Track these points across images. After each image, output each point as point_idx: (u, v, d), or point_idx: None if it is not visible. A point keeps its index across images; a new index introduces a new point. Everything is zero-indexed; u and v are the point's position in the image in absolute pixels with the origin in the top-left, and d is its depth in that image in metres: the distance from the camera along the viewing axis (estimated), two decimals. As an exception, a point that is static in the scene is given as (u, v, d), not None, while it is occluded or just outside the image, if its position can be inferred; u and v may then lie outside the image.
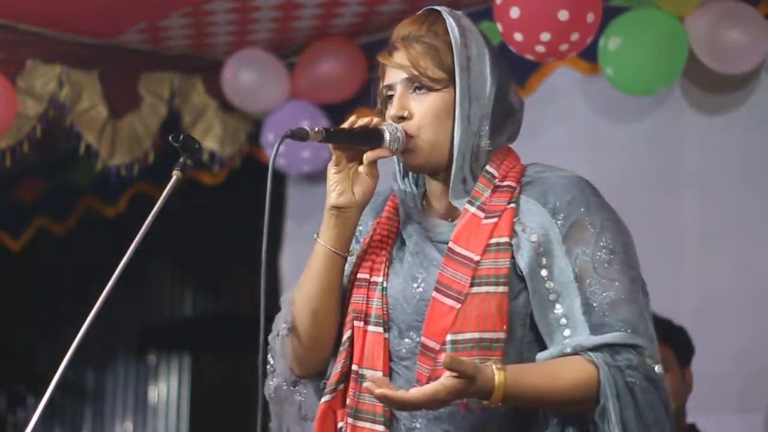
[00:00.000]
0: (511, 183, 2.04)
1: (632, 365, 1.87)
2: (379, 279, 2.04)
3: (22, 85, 4.27)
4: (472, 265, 1.93)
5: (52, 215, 5.83)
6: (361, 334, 2.02)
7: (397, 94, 2.02)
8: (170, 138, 2.23)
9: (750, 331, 3.63)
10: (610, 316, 1.89)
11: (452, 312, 1.92)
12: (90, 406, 6.71)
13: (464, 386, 1.78)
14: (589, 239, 1.96)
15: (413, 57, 2.01)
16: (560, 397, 1.86)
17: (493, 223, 1.96)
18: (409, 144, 2.01)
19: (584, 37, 3.33)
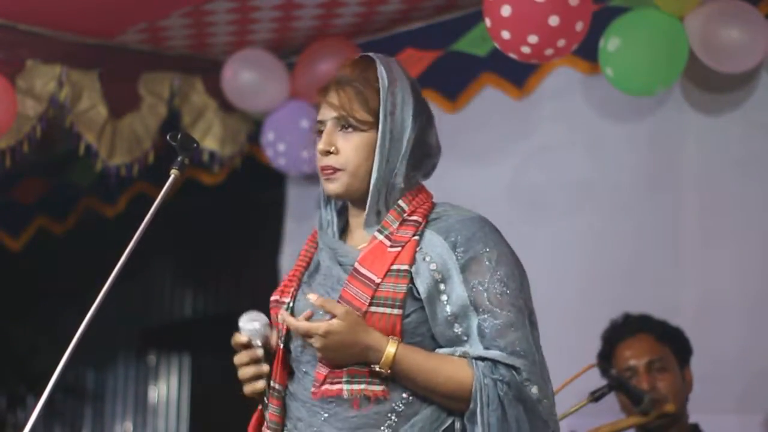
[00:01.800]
0: (417, 218, 2.24)
1: (504, 380, 2.13)
2: (287, 299, 2.30)
3: (22, 85, 4.26)
4: (372, 285, 2.17)
5: (52, 215, 5.83)
6: (279, 351, 2.28)
7: (326, 130, 2.27)
8: (168, 137, 2.28)
9: (750, 331, 3.63)
10: (498, 339, 2.14)
11: None
12: (90, 406, 6.71)
13: (351, 327, 2.12)
14: (485, 272, 2.19)
15: (343, 99, 2.26)
16: (437, 382, 2.14)
17: (396, 251, 2.20)
18: (335, 174, 2.25)
19: (570, 44, 3.35)
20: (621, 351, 3.28)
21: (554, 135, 4.16)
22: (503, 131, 4.28)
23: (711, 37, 3.56)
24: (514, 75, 4.20)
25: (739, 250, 3.71)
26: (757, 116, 3.72)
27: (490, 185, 4.26)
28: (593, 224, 4.01)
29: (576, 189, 4.08)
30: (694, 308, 3.72)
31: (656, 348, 3.26)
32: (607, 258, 3.96)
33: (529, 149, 4.22)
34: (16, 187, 5.79)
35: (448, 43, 4.32)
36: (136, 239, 2.20)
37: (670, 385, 3.22)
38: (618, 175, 4.00)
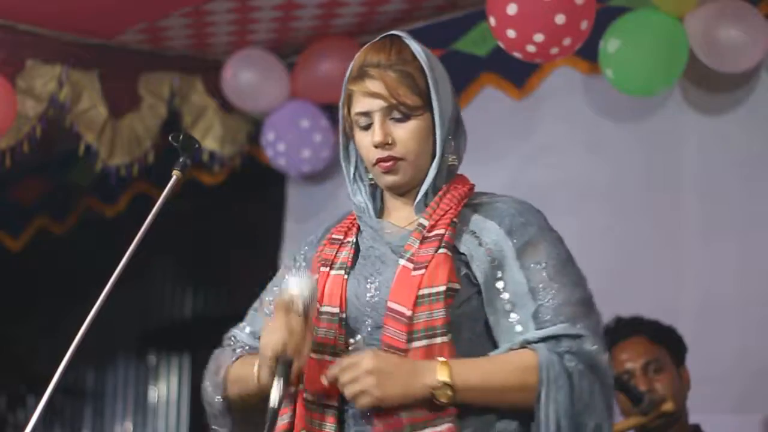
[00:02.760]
0: (440, 231, 2.11)
1: (572, 351, 1.98)
2: (335, 309, 2.12)
3: (22, 85, 4.26)
4: (404, 320, 2.02)
5: (51, 215, 5.83)
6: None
7: (378, 122, 2.12)
8: (170, 138, 2.26)
9: (750, 331, 3.63)
10: (556, 315, 2.02)
11: None
12: (90, 406, 6.70)
13: (386, 354, 1.98)
14: (540, 253, 2.10)
15: (390, 86, 2.11)
16: (503, 381, 1.98)
17: (420, 275, 2.05)
18: (395, 166, 2.13)
19: (575, 44, 3.35)
20: (616, 355, 3.28)
21: (554, 135, 4.16)
22: (503, 131, 4.28)
23: (711, 36, 3.56)
24: (514, 75, 4.20)
25: (739, 250, 3.71)
26: (757, 116, 3.72)
27: (489, 185, 4.23)
28: (593, 224, 4.01)
29: (576, 189, 4.08)
30: (693, 308, 3.72)
31: (651, 349, 3.26)
32: (607, 258, 3.96)
33: (529, 149, 4.22)
34: (16, 187, 5.79)
35: (448, 43, 4.32)
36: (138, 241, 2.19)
37: (668, 385, 3.22)
38: (618, 175, 4.00)
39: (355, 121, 2.15)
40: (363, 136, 2.15)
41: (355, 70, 2.15)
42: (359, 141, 2.16)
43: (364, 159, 2.17)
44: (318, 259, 2.20)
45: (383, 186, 2.18)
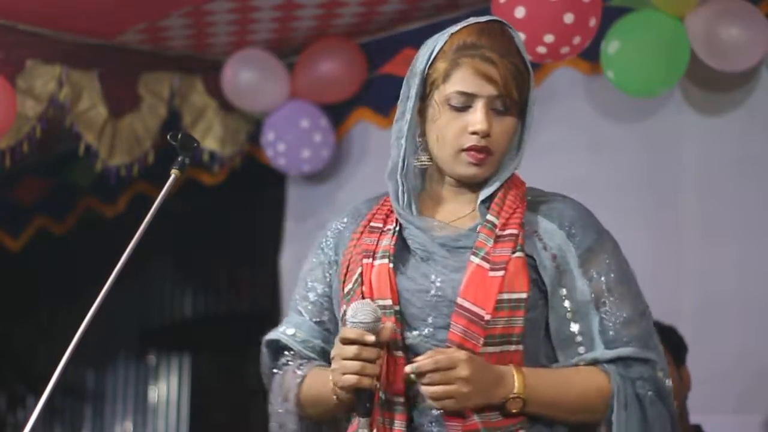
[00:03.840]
0: (513, 231, 2.03)
1: (643, 377, 1.98)
2: (387, 301, 2.00)
3: (22, 85, 4.26)
4: (482, 323, 1.95)
5: (51, 215, 5.83)
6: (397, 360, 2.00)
7: (482, 109, 2.01)
8: (168, 137, 2.25)
9: (750, 331, 3.63)
10: (624, 333, 2.00)
11: None
12: (90, 406, 6.71)
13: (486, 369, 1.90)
14: (602, 263, 2.05)
15: (504, 75, 2.01)
16: (572, 399, 1.97)
17: (500, 277, 1.97)
18: (486, 159, 2.04)
19: (584, 41, 3.34)
20: None
21: (554, 135, 4.16)
22: (503, 131, 4.28)
23: (711, 36, 3.56)
24: (514, 75, 4.19)
25: (739, 249, 3.71)
26: (758, 115, 3.72)
27: (490, 185, 4.25)
28: (593, 224, 4.01)
29: (576, 189, 4.06)
30: (694, 308, 3.72)
31: (651, 350, 3.26)
32: (607, 258, 3.95)
33: (529, 149, 4.21)
34: (16, 187, 5.79)
35: (447, 43, 4.31)
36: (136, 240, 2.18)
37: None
38: (618, 175, 4.00)
39: (449, 97, 2.03)
40: (454, 117, 2.02)
41: (467, 44, 2.04)
42: (446, 122, 2.03)
43: (447, 143, 2.03)
44: (357, 250, 2.06)
45: (458, 175, 2.06)
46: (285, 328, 2.15)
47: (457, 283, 1.98)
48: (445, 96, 2.03)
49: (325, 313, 2.13)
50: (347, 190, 4.63)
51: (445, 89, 2.03)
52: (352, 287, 2.03)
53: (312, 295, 2.14)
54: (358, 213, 2.16)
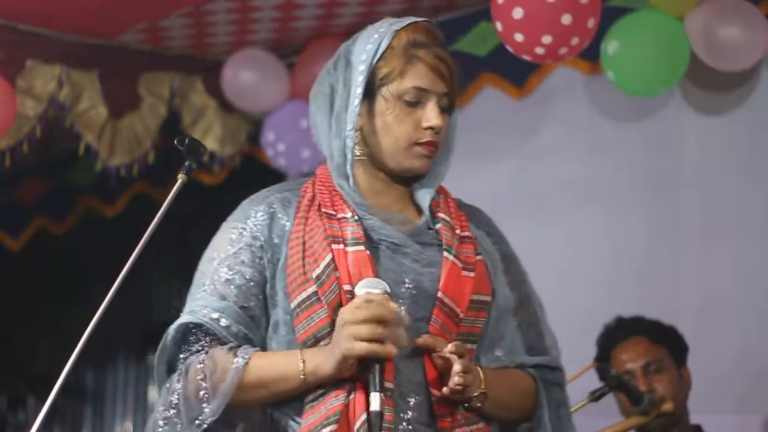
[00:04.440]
0: (468, 234, 2.12)
1: (558, 383, 2.15)
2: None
3: (22, 85, 4.26)
4: (456, 320, 2.03)
5: (51, 215, 5.83)
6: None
7: (435, 105, 2.08)
8: (176, 141, 2.22)
9: (750, 331, 3.63)
10: (541, 341, 2.15)
11: None
12: (90, 406, 6.70)
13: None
14: (519, 272, 2.19)
15: (452, 73, 2.11)
16: (513, 398, 2.09)
17: (471, 277, 2.05)
18: (435, 152, 2.11)
19: (583, 42, 3.34)
20: (617, 355, 3.27)
21: (554, 135, 4.16)
22: (503, 131, 4.28)
23: (710, 35, 3.56)
24: (514, 75, 4.19)
25: (739, 249, 3.71)
26: (758, 115, 3.72)
27: (490, 185, 4.25)
28: (593, 224, 4.01)
29: (576, 189, 4.08)
30: (694, 308, 3.72)
31: (651, 350, 3.25)
32: (607, 258, 3.96)
33: (529, 149, 4.22)
34: (16, 187, 5.79)
35: (448, 43, 4.30)
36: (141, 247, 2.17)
37: (668, 386, 3.21)
38: (618, 175, 4.00)
39: (404, 92, 2.07)
40: (407, 112, 2.06)
41: (419, 41, 2.10)
42: (399, 117, 2.06)
43: (399, 137, 2.06)
44: (315, 234, 2.03)
45: (406, 168, 2.09)
46: (207, 312, 2.02)
47: (434, 277, 2.02)
48: (401, 91, 2.06)
49: (252, 298, 2.04)
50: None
51: (401, 84, 2.06)
52: (323, 272, 1.98)
53: (239, 279, 2.04)
54: (285, 199, 2.13)
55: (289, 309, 2.01)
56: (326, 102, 2.15)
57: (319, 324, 1.98)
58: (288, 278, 2.01)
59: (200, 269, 2.11)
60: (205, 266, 2.10)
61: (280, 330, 2.03)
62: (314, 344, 1.98)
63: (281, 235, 2.06)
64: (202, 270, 2.10)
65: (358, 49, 2.12)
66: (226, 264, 2.06)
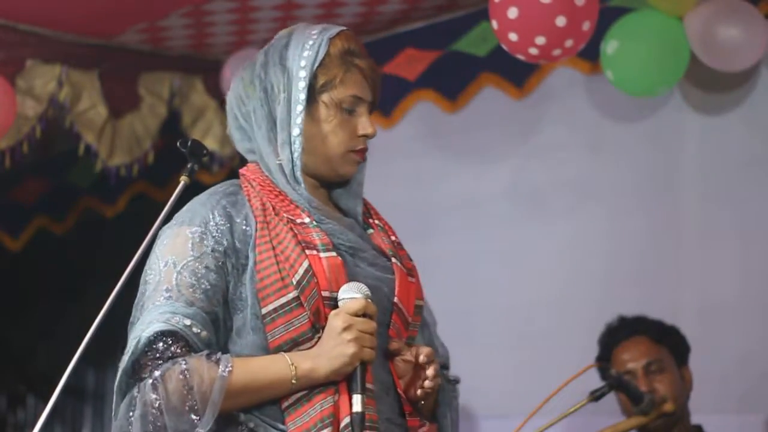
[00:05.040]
0: (396, 239, 2.20)
1: (449, 380, 2.27)
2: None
3: (22, 85, 4.26)
4: (407, 325, 2.11)
5: (51, 215, 5.83)
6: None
7: (367, 113, 2.14)
8: (178, 144, 2.21)
9: (751, 331, 3.63)
10: (436, 342, 2.38)
11: None
12: (90, 406, 6.70)
13: None
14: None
15: (377, 84, 2.16)
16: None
17: (415, 283, 2.14)
18: (364, 160, 2.16)
19: (577, 44, 3.35)
20: (618, 355, 3.28)
21: (554, 135, 4.16)
22: (503, 131, 4.28)
23: (709, 36, 3.56)
24: (514, 75, 4.19)
25: (739, 250, 3.71)
26: (757, 115, 3.72)
27: (490, 185, 4.26)
28: (593, 224, 4.01)
29: (576, 189, 4.08)
30: (694, 308, 3.72)
31: (653, 349, 3.25)
32: (608, 258, 3.96)
33: (529, 149, 4.22)
34: (16, 187, 5.79)
35: (448, 43, 4.32)
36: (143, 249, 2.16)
37: (668, 386, 3.21)
38: (618, 175, 4.00)
39: (342, 100, 2.11)
40: (345, 119, 2.12)
41: (353, 50, 2.13)
42: (337, 125, 2.11)
43: (335, 145, 2.10)
44: (284, 240, 2.03)
45: (339, 174, 2.13)
46: (179, 319, 1.97)
47: (390, 282, 2.09)
48: (340, 99, 2.11)
49: (216, 304, 2.01)
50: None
51: (340, 92, 2.11)
52: (303, 278, 2.00)
53: (204, 284, 2.00)
54: (235, 202, 2.09)
55: (259, 314, 2.00)
56: (262, 107, 2.13)
57: (301, 328, 1.99)
58: (260, 283, 2.00)
59: (154, 273, 2.04)
60: (163, 270, 2.03)
61: (245, 335, 2.02)
62: (291, 349, 1.99)
63: (243, 240, 2.04)
64: (159, 274, 2.03)
65: (293, 54, 2.12)
66: (189, 269, 2.01)
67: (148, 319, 2.00)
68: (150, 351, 1.97)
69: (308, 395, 1.97)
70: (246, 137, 2.16)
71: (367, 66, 2.14)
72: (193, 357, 1.94)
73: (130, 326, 2.05)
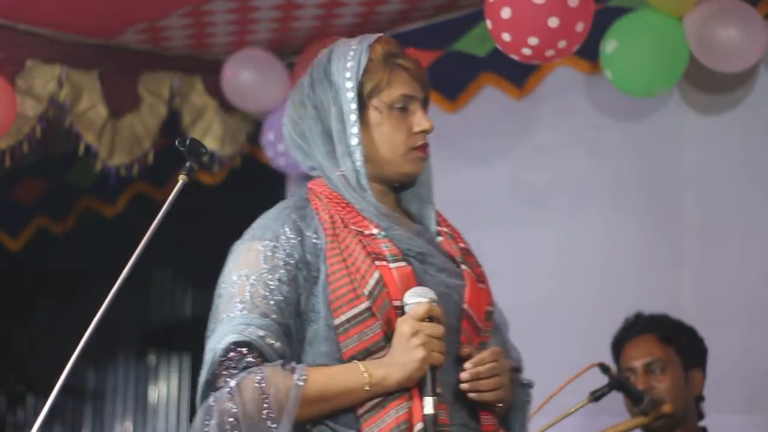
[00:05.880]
0: (466, 246, 2.23)
1: (522, 384, 2.29)
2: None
3: (22, 85, 4.26)
4: (477, 331, 2.13)
5: (51, 215, 5.83)
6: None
7: (421, 109, 2.17)
8: (176, 142, 2.24)
9: (753, 331, 3.63)
10: (508, 345, 2.30)
11: None
12: (90, 406, 6.70)
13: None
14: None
15: (425, 81, 2.20)
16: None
17: (485, 289, 2.18)
18: (427, 155, 2.19)
19: (571, 46, 3.35)
20: (626, 351, 3.28)
21: (554, 135, 4.16)
22: (503, 131, 4.28)
23: (708, 36, 3.56)
24: (514, 75, 4.20)
25: (739, 249, 3.71)
26: (756, 115, 3.72)
27: (490, 185, 4.26)
28: (593, 224, 4.01)
29: (576, 189, 4.08)
30: (695, 308, 3.72)
31: (657, 349, 3.24)
32: (608, 258, 3.96)
33: (530, 149, 4.22)
34: (16, 187, 5.79)
35: (448, 43, 4.32)
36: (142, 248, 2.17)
37: (668, 387, 3.20)
38: (618, 175, 4.00)
39: (394, 101, 2.15)
40: (400, 119, 2.15)
41: (394, 52, 2.18)
42: (394, 124, 2.15)
43: (395, 145, 2.15)
44: (355, 252, 2.08)
45: (405, 174, 2.17)
46: (254, 330, 2.04)
47: (459, 289, 2.11)
48: (391, 100, 2.15)
49: (290, 315, 2.07)
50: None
51: (389, 94, 2.15)
52: (375, 288, 2.05)
53: (277, 296, 2.07)
54: (305, 216, 2.16)
55: (332, 324, 2.05)
56: (316, 123, 2.18)
57: (374, 338, 2.04)
58: (332, 295, 2.06)
59: (227, 286, 2.11)
60: (236, 283, 2.10)
61: (318, 345, 2.07)
62: (364, 358, 2.04)
63: (314, 253, 2.09)
64: (233, 287, 2.10)
65: (336, 68, 2.17)
66: (262, 281, 2.07)
67: (222, 332, 2.06)
68: (225, 361, 2.02)
69: (383, 402, 2.02)
70: (306, 156, 2.22)
71: (412, 64, 2.18)
72: (268, 366, 2.00)
73: (207, 339, 2.13)
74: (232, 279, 2.10)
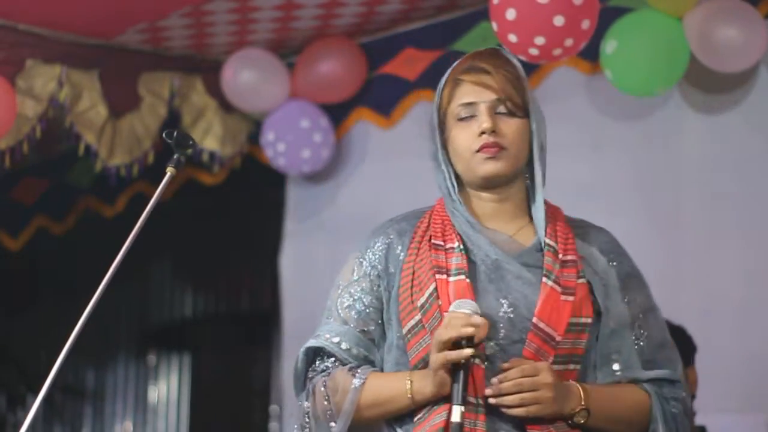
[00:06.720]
0: (573, 258, 2.21)
1: (675, 397, 2.21)
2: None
3: (22, 85, 4.26)
4: (552, 343, 2.12)
5: (51, 215, 5.83)
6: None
7: (485, 112, 2.19)
8: (164, 134, 2.28)
9: (754, 330, 3.63)
10: (658, 356, 2.23)
11: None
12: (90, 406, 6.70)
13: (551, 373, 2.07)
14: (637, 289, 2.27)
15: (501, 81, 2.21)
16: (622, 413, 2.18)
17: (570, 301, 2.15)
18: (499, 153, 2.19)
19: (578, 43, 3.35)
20: None
21: (554, 135, 4.15)
22: (503, 131, 4.28)
23: (708, 36, 3.56)
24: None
25: (739, 249, 3.71)
26: (756, 115, 3.72)
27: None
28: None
29: (576, 189, 4.07)
30: (694, 308, 3.72)
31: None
32: (607, 258, 3.96)
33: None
34: (16, 187, 5.79)
35: (448, 43, 4.32)
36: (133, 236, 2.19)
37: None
38: (618, 175, 4.00)
39: (456, 113, 2.22)
40: (462, 128, 2.21)
41: (464, 66, 2.25)
42: (457, 134, 2.21)
43: (462, 151, 2.21)
44: (423, 265, 2.18)
45: (481, 176, 2.21)
46: (330, 336, 2.22)
47: (530, 301, 2.13)
48: (453, 113, 2.23)
49: (371, 323, 2.22)
50: (347, 190, 4.63)
51: (452, 106, 2.23)
52: (427, 301, 2.14)
53: (359, 305, 2.23)
54: (402, 230, 2.27)
55: (401, 334, 2.17)
56: (432, 145, 2.31)
57: (426, 349, 2.12)
58: (400, 305, 2.18)
59: (330, 296, 2.29)
60: (332, 293, 2.29)
61: (392, 352, 2.20)
62: (424, 367, 2.12)
63: (396, 265, 2.22)
64: (331, 297, 2.28)
65: (437, 93, 2.30)
66: (348, 291, 2.25)
67: (311, 338, 2.26)
68: (306, 365, 2.25)
69: (430, 409, 2.12)
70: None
71: (478, 71, 2.22)
72: (337, 370, 2.20)
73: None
74: (333, 288, 2.29)
